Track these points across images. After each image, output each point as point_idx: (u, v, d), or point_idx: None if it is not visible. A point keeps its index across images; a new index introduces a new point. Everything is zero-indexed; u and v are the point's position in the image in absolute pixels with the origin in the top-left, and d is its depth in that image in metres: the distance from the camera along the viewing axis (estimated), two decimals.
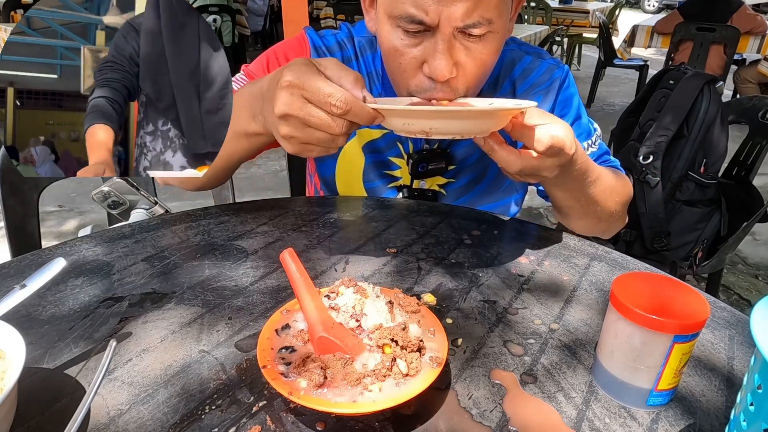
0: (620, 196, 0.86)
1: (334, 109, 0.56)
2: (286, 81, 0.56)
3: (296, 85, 0.56)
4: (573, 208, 0.83)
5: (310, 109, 0.57)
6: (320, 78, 0.56)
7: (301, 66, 0.57)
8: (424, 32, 0.70)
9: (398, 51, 0.73)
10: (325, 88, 0.56)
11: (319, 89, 0.56)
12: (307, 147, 0.60)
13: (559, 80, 0.91)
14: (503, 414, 0.48)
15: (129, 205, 1.01)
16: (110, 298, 0.63)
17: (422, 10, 0.67)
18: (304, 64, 0.58)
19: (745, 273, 2.44)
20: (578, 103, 0.94)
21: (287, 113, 0.57)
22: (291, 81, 0.56)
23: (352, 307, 0.52)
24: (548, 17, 5.56)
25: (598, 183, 0.78)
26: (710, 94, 1.58)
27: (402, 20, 0.69)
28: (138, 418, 0.46)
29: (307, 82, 0.56)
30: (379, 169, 0.95)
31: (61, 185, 1.39)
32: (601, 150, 0.94)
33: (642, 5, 15.80)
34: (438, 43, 0.69)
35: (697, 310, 0.46)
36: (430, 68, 0.71)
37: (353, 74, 0.58)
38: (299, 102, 0.57)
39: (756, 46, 4.07)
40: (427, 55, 0.71)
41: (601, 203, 0.82)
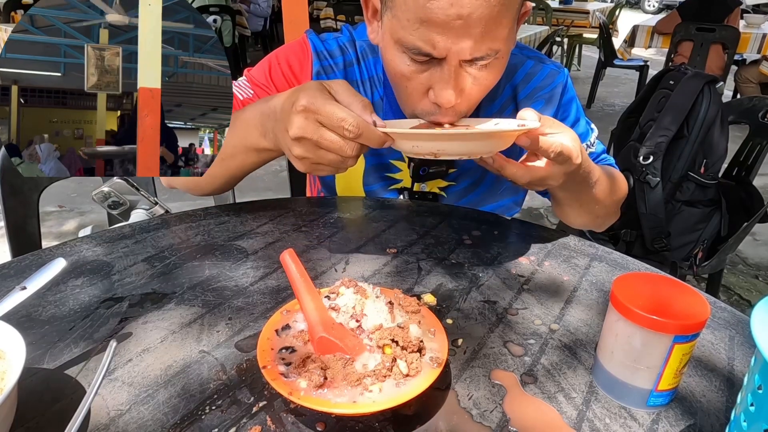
0: (617, 194, 0.90)
1: (347, 132, 0.59)
2: (300, 106, 0.59)
3: (311, 110, 0.59)
4: (573, 206, 0.86)
5: (324, 133, 0.60)
6: (333, 103, 0.59)
7: (314, 91, 0.60)
8: (431, 60, 0.70)
9: (405, 76, 0.73)
10: (338, 113, 0.58)
11: (332, 114, 0.58)
12: (318, 167, 0.64)
13: (561, 85, 0.92)
14: (503, 414, 0.48)
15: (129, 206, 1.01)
16: (110, 299, 0.63)
17: (431, 45, 0.67)
18: (317, 89, 0.61)
19: (745, 273, 2.44)
20: (577, 105, 0.95)
21: (302, 136, 0.60)
22: (306, 106, 0.59)
23: (352, 308, 0.52)
24: (548, 17, 5.56)
25: (598, 184, 0.80)
26: (710, 94, 1.58)
27: (409, 50, 0.69)
28: (138, 419, 0.46)
29: (321, 107, 0.59)
30: (379, 171, 0.95)
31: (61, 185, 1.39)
32: (598, 150, 0.96)
33: (642, 5, 15.80)
34: (444, 72, 0.70)
35: (698, 310, 0.46)
36: (436, 95, 0.72)
37: (362, 100, 0.61)
38: (313, 126, 0.59)
39: (756, 46, 4.08)
40: (434, 82, 0.72)
41: (600, 202, 0.84)
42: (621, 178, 0.92)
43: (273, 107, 0.68)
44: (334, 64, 0.90)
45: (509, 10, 0.67)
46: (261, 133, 0.72)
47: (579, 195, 0.80)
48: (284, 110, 0.63)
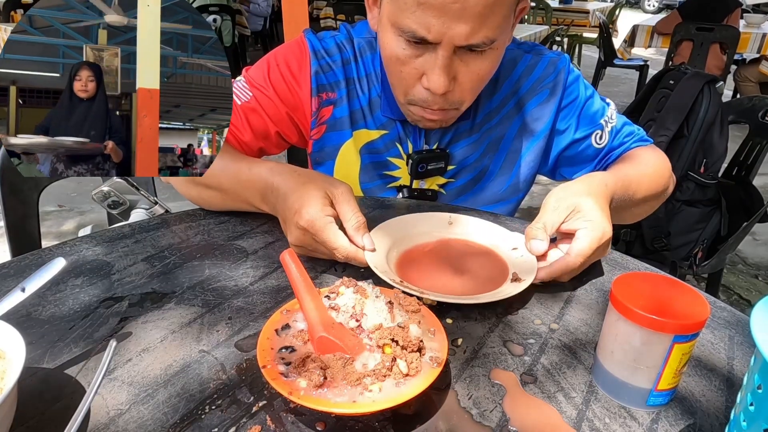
0: (663, 171, 0.90)
1: (337, 258, 0.66)
2: (301, 225, 0.65)
3: (309, 231, 0.65)
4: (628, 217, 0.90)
5: (318, 247, 0.67)
6: (329, 230, 0.65)
7: (314, 209, 0.65)
8: (426, 45, 0.70)
9: (399, 60, 0.74)
10: (331, 243, 0.65)
11: (326, 242, 0.65)
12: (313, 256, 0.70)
13: (564, 71, 0.92)
14: (503, 414, 0.48)
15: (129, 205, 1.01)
16: (110, 298, 0.63)
17: (425, 29, 0.68)
18: (317, 206, 0.65)
19: (745, 273, 2.44)
20: (585, 85, 0.95)
21: (299, 245, 0.68)
22: (305, 227, 0.65)
23: (352, 307, 0.52)
24: (548, 17, 5.56)
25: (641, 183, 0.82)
26: (710, 94, 1.58)
27: (405, 33, 0.70)
28: (138, 418, 0.46)
29: (318, 232, 0.65)
30: (378, 169, 0.95)
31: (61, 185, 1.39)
32: (618, 125, 0.95)
33: (642, 5, 15.80)
34: (438, 58, 0.70)
35: (697, 310, 0.46)
36: (428, 81, 0.73)
37: (358, 219, 0.66)
38: (310, 240, 0.67)
39: (756, 45, 4.08)
40: (427, 68, 0.73)
41: (652, 193, 0.86)
42: (656, 153, 0.92)
43: (277, 187, 0.72)
44: (332, 62, 0.90)
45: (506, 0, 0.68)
46: (261, 199, 0.76)
47: (629, 208, 0.82)
48: (286, 208, 0.68)
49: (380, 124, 0.92)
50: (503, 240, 0.72)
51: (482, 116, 0.93)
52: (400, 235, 0.72)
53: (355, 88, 0.91)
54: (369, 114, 0.92)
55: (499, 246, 0.72)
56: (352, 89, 0.91)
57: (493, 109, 0.92)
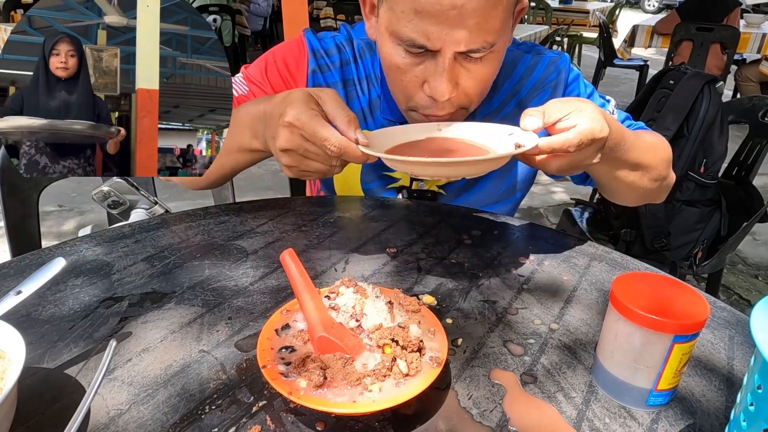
0: (660, 153, 0.84)
1: (329, 151, 0.62)
2: (286, 121, 0.61)
3: (296, 126, 0.61)
4: (619, 182, 0.80)
5: (309, 146, 0.62)
6: (317, 120, 0.61)
7: (301, 104, 0.61)
8: (426, 52, 0.70)
9: (400, 69, 0.74)
10: (321, 132, 0.61)
11: (316, 132, 0.61)
12: (306, 173, 0.67)
13: (565, 70, 0.92)
14: (503, 414, 0.48)
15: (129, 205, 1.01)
16: (110, 298, 0.63)
17: (424, 37, 0.67)
18: (304, 102, 0.61)
19: (745, 273, 2.44)
20: (584, 83, 0.94)
21: (288, 148, 0.63)
22: (291, 122, 0.61)
23: (352, 307, 0.52)
24: (548, 17, 5.56)
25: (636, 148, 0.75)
26: (710, 94, 1.58)
27: (404, 42, 0.69)
28: (138, 418, 0.46)
29: (306, 124, 0.61)
30: (378, 170, 0.95)
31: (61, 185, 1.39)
32: (621, 118, 0.92)
33: (642, 5, 15.80)
34: (439, 65, 0.70)
35: (697, 310, 0.46)
36: (430, 89, 0.72)
37: (348, 114, 0.63)
38: (298, 139, 0.62)
39: (756, 45, 4.08)
40: (428, 75, 0.72)
41: (645, 166, 0.80)
42: (657, 136, 0.88)
43: (263, 111, 0.69)
44: (330, 62, 0.90)
45: (504, 3, 0.67)
46: (252, 134, 0.73)
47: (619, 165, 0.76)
48: (272, 119, 0.65)
49: (380, 125, 0.92)
50: (497, 133, 0.71)
51: (481, 118, 0.92)
52: (391, 139, 0.72)
53: (354, 90, 0.91)
54: (369, 115, 0.92)
55: (494, 140, 0.71)
56: (351, 90, 0.91)
57: (492, 111, 0.92)
